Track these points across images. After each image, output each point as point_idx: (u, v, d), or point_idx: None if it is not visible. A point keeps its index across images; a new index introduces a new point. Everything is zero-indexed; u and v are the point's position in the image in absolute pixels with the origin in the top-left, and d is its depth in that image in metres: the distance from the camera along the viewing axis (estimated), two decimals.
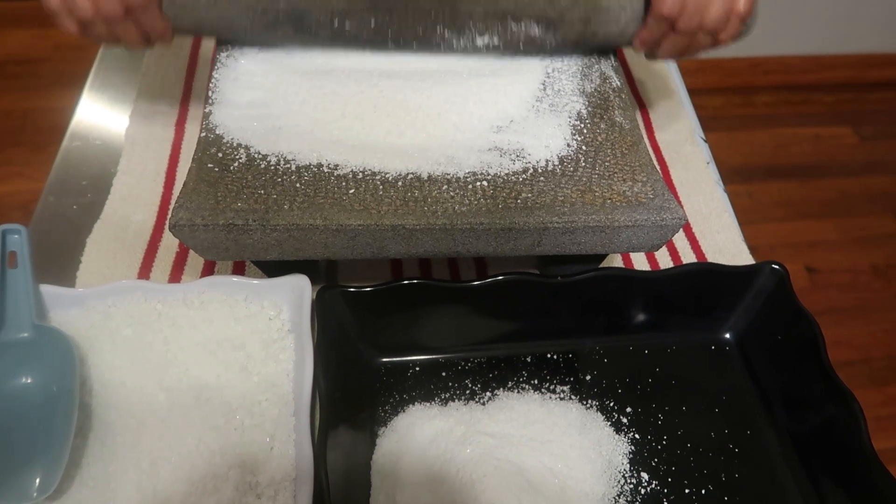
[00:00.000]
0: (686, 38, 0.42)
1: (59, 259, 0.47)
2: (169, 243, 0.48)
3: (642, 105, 0.61)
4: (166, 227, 0.49)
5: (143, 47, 0.41)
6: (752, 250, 0.51)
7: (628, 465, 0.41)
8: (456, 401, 0.42)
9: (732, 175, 1.41)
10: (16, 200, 1.22)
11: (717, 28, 0.41)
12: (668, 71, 0.64)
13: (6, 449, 0.35)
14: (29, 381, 0.37)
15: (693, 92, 0.64)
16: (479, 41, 0.43)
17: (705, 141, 0.59)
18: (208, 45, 0.61)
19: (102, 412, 0.38)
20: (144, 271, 0.47)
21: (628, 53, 0.65)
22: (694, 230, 0.53)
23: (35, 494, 0.34)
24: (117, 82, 0.58)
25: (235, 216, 0.35)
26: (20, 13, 1.56)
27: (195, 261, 0.47)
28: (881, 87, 1.62)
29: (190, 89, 0.57)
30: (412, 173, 0.38)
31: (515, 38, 0.43)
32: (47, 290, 0.40)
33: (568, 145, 0.40)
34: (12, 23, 1.54)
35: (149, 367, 0.39)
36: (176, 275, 0.47)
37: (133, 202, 0.50)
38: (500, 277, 0.42)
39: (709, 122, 0.65)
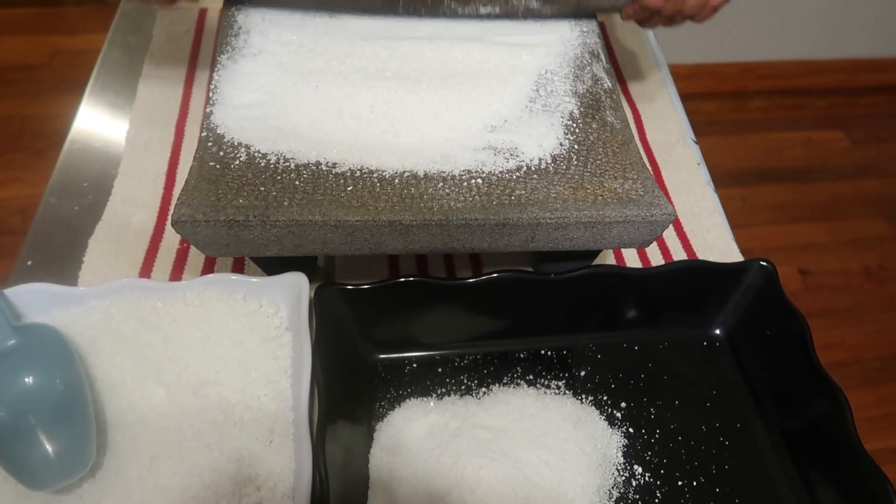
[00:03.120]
0: (667, 18, 0.50)
1: (61, 259, 0.48)
2: (169, 243, 0.49)
3: (634, 108, 0.62)
4: (167, 227, 0.49)
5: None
6: (746, 253, 0.52)
7: (622, 458, 0.41)
8: (452, 396, 0.43)
9: (725, 179, 1.42)
10: (15, 205, 1.23)
11: (694, 14, 0.49)
12: (660, 74, 0.65)
13: (37, 443, 0.35)
14: (31, 380, 0.37)
15: (686, 97, 0.65)
16: (483, 10, 0.48)
17: (696, 143, 0.61)
18: (208, 48, 0.62)
19: (103, 409, 0.38)
20: (145, 271, 0.47)
21: (621, 56, 0.66)
22: (685, 229, 0.54)
23: (77, 470, 0.35)
24: (117, 86, 0.59)
25: (236, 212, 0.36)
26: (18, 20, 1.57)
27: (195, 260, 0.48)
28: (872, 91, 1.64)
29: (189, 93, 0.58)
30: (408, 171, 0.39)
31: (515, 9, 0.49)
32: (48, 288, 0.41)
33: (560, 144, 0.41)
34: (11, 30, 1.55)
35: (148, 364, 0.40)
36: (176, 274, 0.47)
37: (134, 203, 0.51)
38: (495, 275, 0.42)
39: (702, 127, 0.66)
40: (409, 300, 0.42)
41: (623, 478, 0.41)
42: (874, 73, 1.64)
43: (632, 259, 0.51)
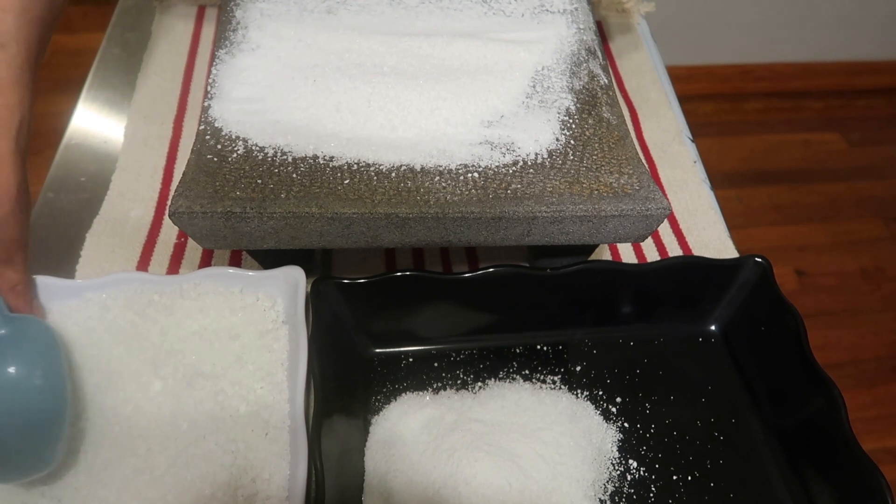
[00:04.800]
0: None
1: (58, 253, 0.48)
2: (167, 237, 0.49)
3: (631, 105, 0.62)
4: (164, 221, 0.50)
5: None
6: (742, 253, 0.52)
7: (617, 453, 0.41)
8: (447, 390, 0.43)
9: (723, 180, 1.43)
10: None
11: None
12: (657, 73, 0.65)
13: (10, 435, 0.35)
14: (11, 370, 0.35)
15: (684, 98, 0.65)
16: None
17: (692, 141, 0.61)
18: (206, 44, 0.62)
19: (99, 401, 0.38)
20: (143, 265, 0.47)
21: (618, 57, 0.67)
22: (681, 226, 0.54)
23: (36, 469, 0.35)
24: (116, 83, 0.59)
25: (233, 204, 0.36)
26: None
27: (192, 254, 0.48)
28: (869, 93, 1.64)
29: (188, 89, 0.58)
30: (405, 165, 0.39)
31: None
32: (46, 281, 0.41)
33: (557, 139, 0.41)
34: None
35: (145, 356, 0.40)
36: (173, 268, 0.47)
37: (131, 198, 0.51)
38: (491, 270, 0.43)
39: (700, 129, 0.67)
40: (406, 294, 0.43)
41: (618, 472, 0.41)
42: (871, 76, 1.64)
43: (628, 256, 0.51)
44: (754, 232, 1.36)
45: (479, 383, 0.44)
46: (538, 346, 0.46)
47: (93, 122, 0.57)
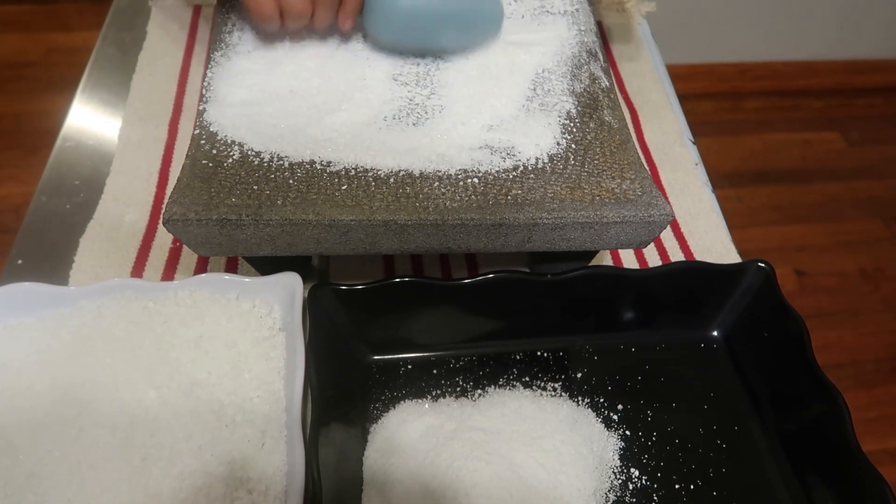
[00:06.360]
0: None
1: (52, 258, 0.47)
2: (162, 242, 0.48)
3: (632, 107, 0.62)
4: (159, 226, 0.49)
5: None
6: (742, 254, 0.52)
7: (619, 461, 0.41)
8: (447, 398, 0.43)
9: (722, 179, 1.42)
10: (8, 203, 1.22)
11: None
12: (657, 74, 0.65)
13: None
14: None
15: (683, 97, 0.65)
16: None
17: (694, 143, 0.60)
18: (202, 45, 0.61)
19: (94, 410, 0.38)
20: (137, 270, 0.47)
21: (618, 58, 0.66)
22: (682, 230, 0.53)
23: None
24: (111, 83, 0.59)
25: (229, 211, 0.35)
26: (13, 17, 1.56)
27: (188, 260, 0.48)
28: (868, 92, 1.64)
29: (183, 90, 0.58)
30: (404, 170, 0.38)
31: None
32: (38, 288, 0.40)
33: (558, 144, 0.41)
34: (5, 27, 1.54)
35: (139, 365, 0.39)
36: (168, 274, 0.47)
37: (126, 202, 0.50)
38: (491, 276, 0.42)
39: (699, 128, 0.66)
40: (404, 301, 0.42)
41: (620, 481, 0.40)
42: (871, 75, 1.64)
43: (629, 260, 0.51)
44: (754, 232, 1.36)
45: (479, 391, 0.43)
46: (538, 353, 0.45)
47: (87, 123, 0.56)
